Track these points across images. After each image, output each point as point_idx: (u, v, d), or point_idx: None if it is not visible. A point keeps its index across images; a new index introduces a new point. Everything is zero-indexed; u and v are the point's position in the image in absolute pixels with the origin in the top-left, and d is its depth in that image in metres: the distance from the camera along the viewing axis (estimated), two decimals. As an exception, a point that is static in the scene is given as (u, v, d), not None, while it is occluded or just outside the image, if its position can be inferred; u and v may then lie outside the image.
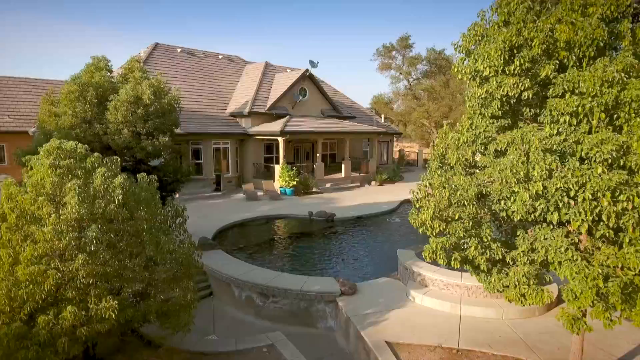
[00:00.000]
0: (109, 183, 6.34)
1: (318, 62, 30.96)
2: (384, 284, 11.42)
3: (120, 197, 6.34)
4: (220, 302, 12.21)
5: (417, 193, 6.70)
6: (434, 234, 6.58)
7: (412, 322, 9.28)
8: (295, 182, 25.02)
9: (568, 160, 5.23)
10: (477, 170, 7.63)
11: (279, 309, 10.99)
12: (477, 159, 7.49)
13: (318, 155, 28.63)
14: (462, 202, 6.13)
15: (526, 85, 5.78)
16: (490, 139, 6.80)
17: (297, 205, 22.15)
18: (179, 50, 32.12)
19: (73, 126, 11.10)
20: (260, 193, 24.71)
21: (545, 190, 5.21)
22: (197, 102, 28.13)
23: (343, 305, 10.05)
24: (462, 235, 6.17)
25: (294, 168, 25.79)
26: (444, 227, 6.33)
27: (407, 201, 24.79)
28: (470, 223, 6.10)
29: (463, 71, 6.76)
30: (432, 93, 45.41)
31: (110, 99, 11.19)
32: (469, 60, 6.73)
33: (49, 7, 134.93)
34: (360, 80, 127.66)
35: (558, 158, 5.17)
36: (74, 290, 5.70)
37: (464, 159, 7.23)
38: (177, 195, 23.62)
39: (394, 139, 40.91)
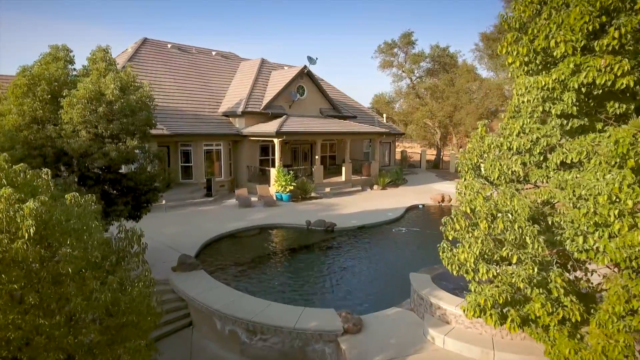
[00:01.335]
0: (16, 210, 4.47)
1: (317, 59, 29.05)
2: (395, 316, 9.51)
3: (33, 230, 4.46)
4: (200, 335, 10.32)
5: (454, 222, 4.82)
6: (477, 279, 4.68)
7: (433, 374, 7.40)
8: (292, 187, 23.11)
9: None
10: (523, 187, 5.74)
11: (269, 347, 9.10)
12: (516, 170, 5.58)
13: (317, 157, 26.71)
14: (524, 237, 4.24)
15: (625, 68, 3.88)
16: (553, 146, 4.90)
17: (293, 213, 20.25)
18: (169, 46, 30.19)
19: (20, 127, 9.19)
20: (254, 199, 22.80)
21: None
22: (188, 101, 26.21)
23: (346, 349, 8.15)
24: (522, 286, 4.28)
25: (290, 171, 23.86)
26: (495, 272, 4.43)
27: (413, 207, 22.97)
28: (535, 269, 4.20)
29: (515, 52, 4.85)
30: (435, 92, 43.42)
31: (64, 94, 9.27)
32: (524, 37, 4.82)
33: (49, 7, 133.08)
34: (360, 79, 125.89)
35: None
36: (-54, 375, 3.85)
37: (509, 172, 5.34)
38: (163, 202, 21.73)
39: (395, 139, 38.96)
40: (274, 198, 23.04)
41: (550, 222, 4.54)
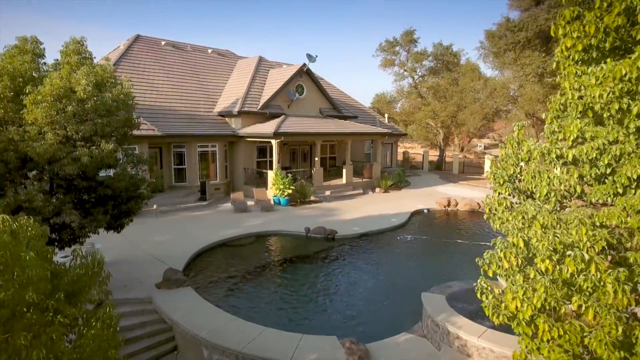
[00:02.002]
0: None
1: (316, 56, 27.90)
2: (406, 345, 8.35)
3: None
4: (185, 363, 9.17)
5: (497, 257, 3.66)
6: (529, 333, 3.52)
7: (454, 422, 6.25)
8: (290, 191, 21.93)
9: None
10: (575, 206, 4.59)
11: (262, 381, 7.94)
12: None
13: (317, 159, 25.53)
14: (604, 284, 3.09)
15: None
16: (623, 155, 3.75)
17: (292, 219, 19.10)
18: (163, 43, 29.02)
19: (-23, 129, 8.06)
20: (250, 203, 21.64)
21: None
22: (182, 100, 25.05)
23: (351, 387, 7.00)
24: (601, 352, 3.12)
25: (289, 174, 22.69)
26: (561, 331, 3.28)
27: (418, 212, 21.83)
28: (620, 329, 3.06)
29: (576, 32, 3.70)
30: (438, 91, 42.23)
31: (27, 91, 8.11)
32: (587, 14, 3.68)
33: (49, 7, 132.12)
34: (361, 78, 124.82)
35: None
36: None
37: (563, 189, 4.19)
38: (154, 207, 20.53)
39: (397, 140, 37.80)
40: (272, 202, 21.90)
41: (631, 260, 3.40)
